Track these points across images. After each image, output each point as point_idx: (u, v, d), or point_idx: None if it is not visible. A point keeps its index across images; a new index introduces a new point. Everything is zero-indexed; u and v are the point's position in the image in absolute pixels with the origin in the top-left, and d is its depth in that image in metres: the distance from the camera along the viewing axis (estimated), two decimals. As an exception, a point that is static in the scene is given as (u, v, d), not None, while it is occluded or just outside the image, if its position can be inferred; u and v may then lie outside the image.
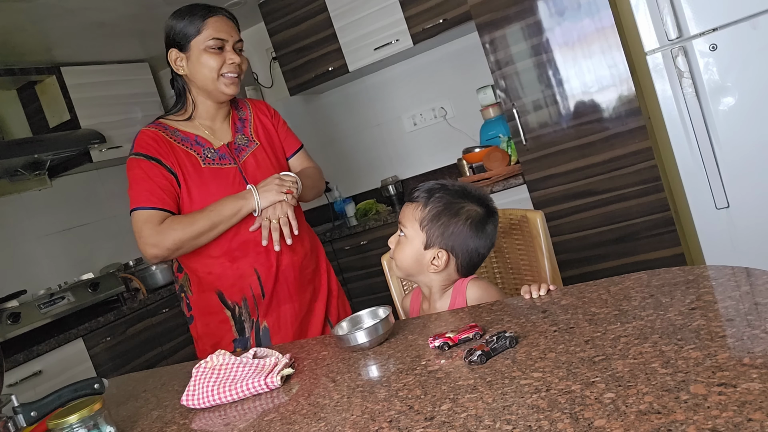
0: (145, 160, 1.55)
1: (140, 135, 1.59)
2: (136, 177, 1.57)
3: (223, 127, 1.66)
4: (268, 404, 1.02)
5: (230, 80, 1.57)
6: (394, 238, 1.33)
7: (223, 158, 1.60)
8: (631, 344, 0.81)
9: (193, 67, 1.58)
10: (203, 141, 1.61)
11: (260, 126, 1.72)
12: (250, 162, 1.63)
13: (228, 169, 1.59)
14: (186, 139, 1.59)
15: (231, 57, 1.56)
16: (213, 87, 1.57)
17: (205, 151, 1.59)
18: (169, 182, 1.54)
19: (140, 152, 1.56)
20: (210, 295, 1.61)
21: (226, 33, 1.57)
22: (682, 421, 0.60)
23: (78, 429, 0.99)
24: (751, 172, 2.16)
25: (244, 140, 1.66)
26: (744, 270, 0.96)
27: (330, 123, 3.74)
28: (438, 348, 1.00)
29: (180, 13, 1.61)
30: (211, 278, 1.59)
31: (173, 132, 1.60)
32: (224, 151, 1.61)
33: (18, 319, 2.62)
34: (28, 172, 3.13)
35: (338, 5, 3.17)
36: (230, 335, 1.62)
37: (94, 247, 3.50)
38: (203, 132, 1.62)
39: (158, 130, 1.59)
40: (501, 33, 2.51)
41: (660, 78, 2.22)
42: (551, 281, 1.38)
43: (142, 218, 1.54)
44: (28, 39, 2.84)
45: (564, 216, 2.55)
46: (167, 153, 1.55)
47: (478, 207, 1.29)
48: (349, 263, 3.20)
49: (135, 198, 1.56)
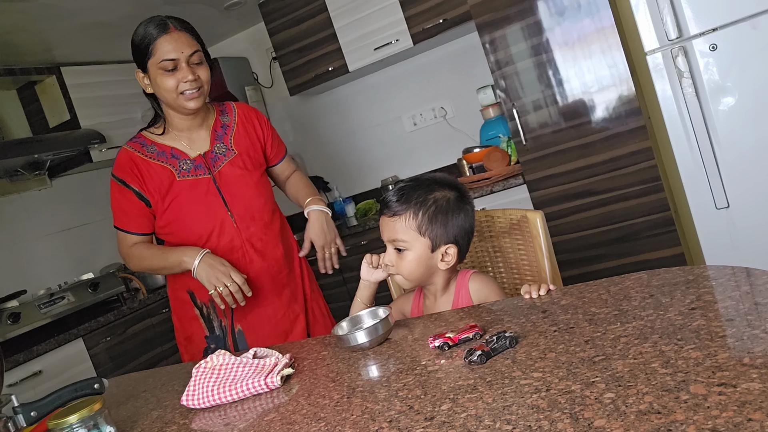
0: (118, 183, 1.64)
1: (119, 154, 1.65)
2: (113, 198, 1.66)
3: (201, 136, 1.68)
4: (268, 404, 1.02)
5: (190, 96, 1.57)
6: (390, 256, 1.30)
7: (199, 168, 1.65)
8: (631, 344, 0.81)
9: (154, 87, 1.61)
10: (179, 153, 1.65)
11: (244, 133, 1.73)
12: (226, 171, 1.67)
13: (201, 179, 1.64)
14: (162, 153, 1.64)
15: (184, 75, 1.55)
16: (176, 104, 1.59)
17: (180, 164, 1.64)
18: (137, 207, 1.63)
19: (116, 174, 1.64)
20: (182, 293, 1.71)
21: (176, 51, 1.54)
22: (682, 421, 0.60)
23: (78, 429, 0.99)
24: (751, 172, 2.16)
25: (222, 149, 1.69)
26: (744, 270, 0.96)
27: (330, 123, 3.74)
28: (438, 348, 1.00)
29: (136, 33, 1.61)
30: (184, 277, 1.66)
31: (150, 147, 1.65)
32: (200, 161, 1.65)
33: (18, 319, 2.62)
34: (28, 172, 3.13)
35: (338, 5, 3.17)
36: (201, 332, 1.71)
37: (94, 247, 3.50)
38: (180, 143, 1.66)
39: (135, 148, 1.64)
40: (501, 33, 2.51)
41: (660, 78, 2.22)
42: (551, 281, 1.39)
43: (119, 237, 1.68)
44: (28, 39, 2.84)
45: (564, 216, 2.55)
46: (138, 176, 1.61)
47: (449, 190, 1.29)
48: (349, 263, 3.20)
49: (114, 216, 1.67)
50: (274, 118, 3.87)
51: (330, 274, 1.80)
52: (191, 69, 1.56)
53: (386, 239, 1.31)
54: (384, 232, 1.31)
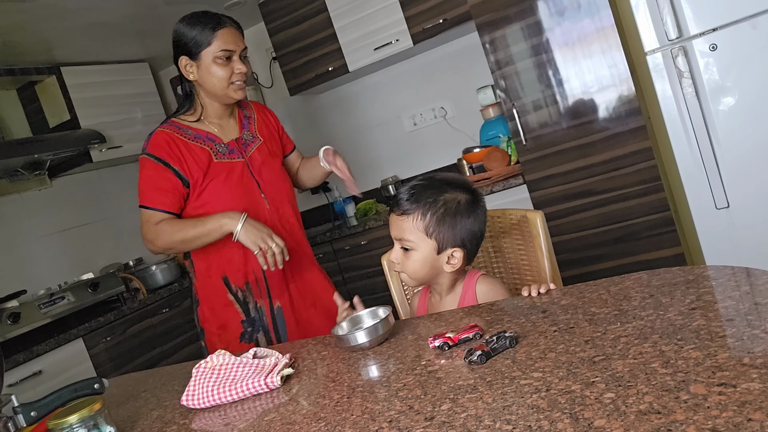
0: (153, 161, 1.65)
1: (154, 136, 1.68)
2: (143, 176, 1.67)
3: (230, 124, 1.78)
4: (268, 404, 1.02)
5: (238, 86, 1.68)
6: (396, 253, 1.30)
7: (232, 153, 1.72)
8: (631, 344, 0.81)
9: (203, 75, 1.67)
10: (213, 137, 1.72)
11: (263, 124, 1.85)
12: (255, 156, 1.76)
13: (236, 162, 1.71)
14: (198, 136, 1.70)
15: (238, 67, 1.66)
16: (222, 93, 1.68)
17: (216, 146, 1.71)
18: (173, 185, 1.65)
19: (151, 153, 1.66)
20: (215, 281, 1.73)
21: (234, 44, 1.66)
22: (682, 421, 0.60)
23: (78, 429, 0.99)
24: (751, 172, 2.16)
25: (249, 136, 1.79)
26: (744, 270, 0.96)
27: (330, 123, 3.74)
28: (438, 348, 1.00)
29: (190, 21, 1.66)
30: (222, 262, 1.71)
31: (186, 130, 1.70)
32: (233, 146, 1.73)
33: (18, 319, 2.62)
34: (28, 172, 3.13)
35: (338, 5, 3.17)
36: (237, 317, 1.74)
37: (94, 247, 3.50)
38: (213, 129, 1.73)
39: (172, 130, 1.69)
40: (501, 33, 2.51)
41: (660, 78, 2.22)
42: (551, 281, 1.39)
43: (145, 216, 1.66)
44: (28, 39, 2.84)
45: (564, 216, 2.55)
46: (179, 155, 1.65)
47: (461, 192, 1.29)
48: (349, 263, 3.20)
49: (141, 196, 1.67)
50: (274, 118, 3.87)
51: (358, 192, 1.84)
52: (242, 63, 1.68)
53: (394, 237, 1.31)
54: (392, 229, 1.31)
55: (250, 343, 1.73)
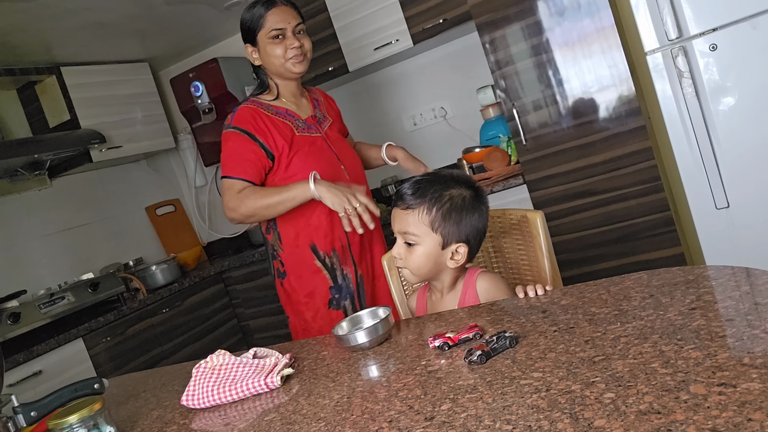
0: (239, 133, 1.74)
1: (239, 111, 1.78)
2: (230, 149, 1.75)
3: (304, 102, 1.90)
4: (268, 404, 1.02)
5: (296, 61, 1.77)
6: (399, 248, 1.30)
7: (311, 128, 1.84)
8: (631, 344, 0.81)
9: (264, 57, 1.79)
10: (292, 113, 1.83)
11: (329, 107, 2.00)
12: (330, 133, 1.88)
13: (316, 137, 1.83)
14: (279, 112, 1.81)
15: (291, 42, 1.75)
16: (283, 70, 1.78)
17: (296, 122, 1.81)
18: (257, 156, 1.73)
19: (237, 126, 1.75)
20: (303, 249, 1.80)
21: (283, 22, 1.75)
22: (682, 421, 0.60)
23: (78, 429, 0.99)
24: (751, 172, 2.16)
25: (321, 115, 1.91)
26: (744, 270, 0.96)
27: (330, 123, 3.74)
28: (438, 348, 1.00)
29: (246, 8, 1.80)
30: (309, 230, 1.78)
31: (267, 107, 1.80)
32: (311, 122, 1.85)
33: (18, 319, 2.62)
34: (28, 172, 3.13)
35: (338, 5, 3.17)
36: (325, 283, 1.81)
37: (94, 247, 3.50)
38: (290, 106, 1.84)
39: (255, 106, 1.79)
40: (501, 33, 2.51)
41: (660, 78, 2.22)
42: (551, 281, 1.39)
43: (227, 185, 1.74)
44: (28, 39, 2.84)
45: (564, 216, 2.55)
46: (264, 129, 1.74)
47: (466, 188, 1.29)
48: (349, 263, 3.20)
49: (224, 167, 1.75)
50: (274, 118, 3.87)
51: None
52: (296, 38, 1.77)
53: (397, 231, 1.30)
54: (396, 223, 1.30)
55: (337, 310, 1.81)
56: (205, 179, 4.09)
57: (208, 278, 3.42)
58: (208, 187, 4.12)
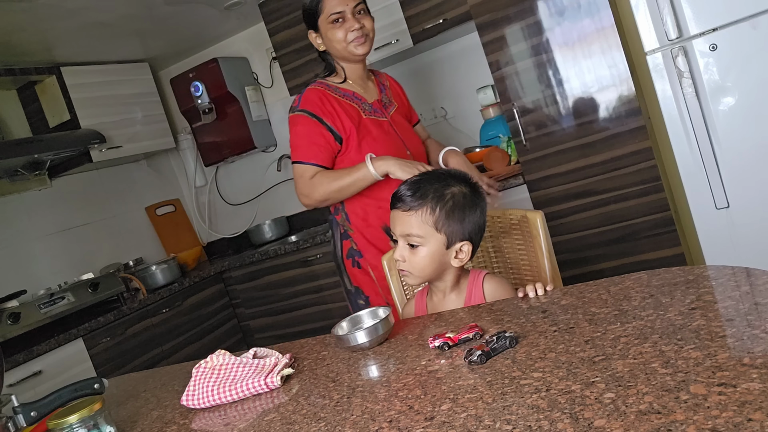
0: (307, 116, 1.73)
1: (306, 93, 1.77)
2: (297, 132, 1.74)
3: (370, 86, 1.88)
4: (268, 404, 1.02)
5: (357, 42, 1.75)
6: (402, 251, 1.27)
7: (377, 112, 1.83)
8: (631, 344, 0.81)
9: (326, 42, 1.79)
10: (359, 96, 1.82)
11: (394, 92, 1.96)
12: (396, 118, 1.86)
13: (383, 121, 1.82)
14: (346, 95, 1.80)
15: (351, 24, 1.74)
16: (346, 53, 1.77)
17: (363, 105, 1.81)
18: (326, 140, 1.73)
19: (305, 109, 1.74)
20: (375, 231, 1.79)
21: (342, 5, 1.74)
22: (682, 421, 0.60)
23: (78, 429, 0.99)
24: (751, 172, 2.16)
25: (387, 99, 1.90)
26: (744, 270, 0.96)
27: (330, 123, 3.74)
28: (438, 348, 1.00)
29: None
30: (380, 212, 1.75)
31: (334, 89, 1.80)
32: (377, 105, 1.84)
33: (18, 319, 2.62)
34: (28, 172, 3.13)
35: (338, 5, 3.16)
36: None
37: (94, 247, 3.50)
38: (357, 89, 1.83)
39: (323, 88, 1.78)
40: (501, 33, 2.51)
41: (660, 78, 2.22)
42: (551, 281, 1.39)
43: (299, 171, 1.74)
44: (28, 39, 2.84)
45: (564, 216, 2.55)
46: (331, 111, 1.74)
47: (464, 185, 1.29)
48: (349, 263, 3.20)
49: (294, 152, 1.75)
50: (274, 118, 3.87)
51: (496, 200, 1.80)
52: (356, 19, 1.75)
53: (399, 234, 1.28)
54: (397, 226, 1.28)
55: None
56: (205, 179, 4.09)
57: (208, 278, 3.42)
58: (208, 187, 4.13)
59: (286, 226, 3.88)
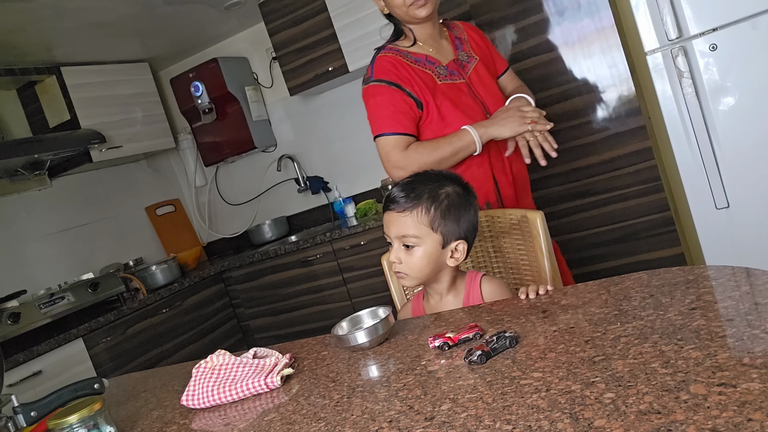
0: (385, 85, 1.61)
1: (378, 61, 1.66)
2: (377, 104, 1.63)
3: (444, 45, 1.73)
4: (268, 404, 1.02)
5: (417, 5, 1.63)
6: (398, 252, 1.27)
7: (453, 74, 1.67)
8: (631, 344, 0.81)
9: (388, 6, 1.70)
10: (432, 59, 1.68)
11: (474, 43, 1.79)
12: (474, 77, 1.70)
13: (460, 84, 1.66)
14: (419, 60, 1.66)
15: None
16: (408, 16, 1.66)
17: (437, 69, 1.66)
18: (409, 106, 1.61)
19: (380, 78, 1.63)
20: None
21: None
22: (682, 421, 0.60)
23: (78, 429, 0.99)
24: (751, 172, 2.16)
25: (464, 56, 1.73)
26: (744, 270, 0.96)
27: (330, 123, 3.74)
28: (438, 348, 1.00)
29: None
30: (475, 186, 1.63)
31: (406, 55, 1.67)
32: (452, 67, 1.68)
33: (18, 319, 2.62)
34: (28, 172, 3.13)
35: (338, 5, 3.16)
36: None
37: (94, 247, 3.50)
38: (430, 52, 1.69)
39: (394, 54, 1.66)
40: (501, 33, 2.51)
41: (660, 78, 2.22)
42: (551, 281, 1.38)
43: (390, 144, 1.60)
44: (28, 39, 2.84)
45: (564, 216, 2.55)
46: (406, 77, 1.61)
47: (457, 185, 1.29)
48: (349, 263, 3.20)
49: (379, 125, 1.62)
50: (274, 118, 3.87)
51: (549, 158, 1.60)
52: None
53: (394, 236, 1.27)
54: (391, 228, 1.27)
55: None
56: (205, 179, 4.10)
57: (208, 278, 3.42)
58: (208, 187, 4.13)
59: (286, 226, 3.88)
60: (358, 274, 3.20)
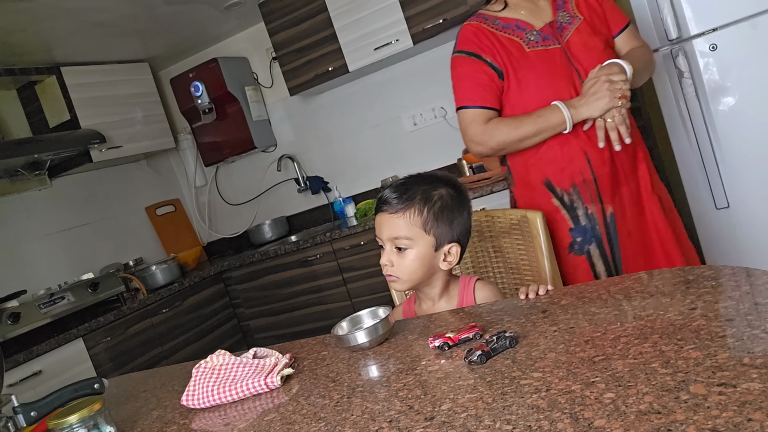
0: (466, 57, 1.56)
1: (462, 30, 1.60)
2: (459, 75, 1.58)
3: (541, 6, 1.60)
4: (268, 404, 1.02)
5: None
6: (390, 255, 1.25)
7: (547, 39, 1.55)
8: (631, 344, 0.81)
9: None
10: (524, 24, 1.57)
11: (580, 2, 1.61)
12: (574, 40, 1.55)
13: (553, 50, 1.53)
14: (507, 26, 1.57)
15: None
16: None
17: (527, 35, 1.55)
18: (489, 78, 1.54)
19: (462, 49, 1.58)
20: (537, 186, 1.57)
21: None
22: (682, 421, 0.60)
23: (78, 429, 0.99)
24: (751, 172, 2.16)
25: (565, 17, 1.58)
26: (744, 270, 0.96)
27: (330, 123, 3.74)
28: (438, 348, 1.00)
29: None
30: (541, 164, 1.55)
31: (494, 21, 1.59)
32: (547, 31, 1.56)
33: (18, 319, 2.62)
34: (28, 172, 3.13)
35: (338, 5, 3.17)
36: (564, 225, 1.55)
37: (94, 247, 3.50)
38: (522, 15, 1.58)
39: (479, 21, 1.59)
40: (501, 33, 2.51)
41: (660, 78, 2.22)
42: (551, 281, 1.38)
43: (469, 117, 1.56)
44: (28, 39, 2.84)
45: (564, 216, 2.55)
46: (488, 46, 1.54)
47: (450, 187, 1.27)
48: (349, 263, 3.20)
49: (460, 97, 1.58)
50: (274, 118, 3.87)
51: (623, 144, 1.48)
52: None
53: (386, 237, 1.25)
54: (383, 230, 1.26)
55: (580, 255, 1.54)
56: (205, 179, 4.10)
57: (208, 278, 3.42)
58: (208, 187, 4.13)
59: (286, 226, 3.88)
60: (358, 274, 3.20)
